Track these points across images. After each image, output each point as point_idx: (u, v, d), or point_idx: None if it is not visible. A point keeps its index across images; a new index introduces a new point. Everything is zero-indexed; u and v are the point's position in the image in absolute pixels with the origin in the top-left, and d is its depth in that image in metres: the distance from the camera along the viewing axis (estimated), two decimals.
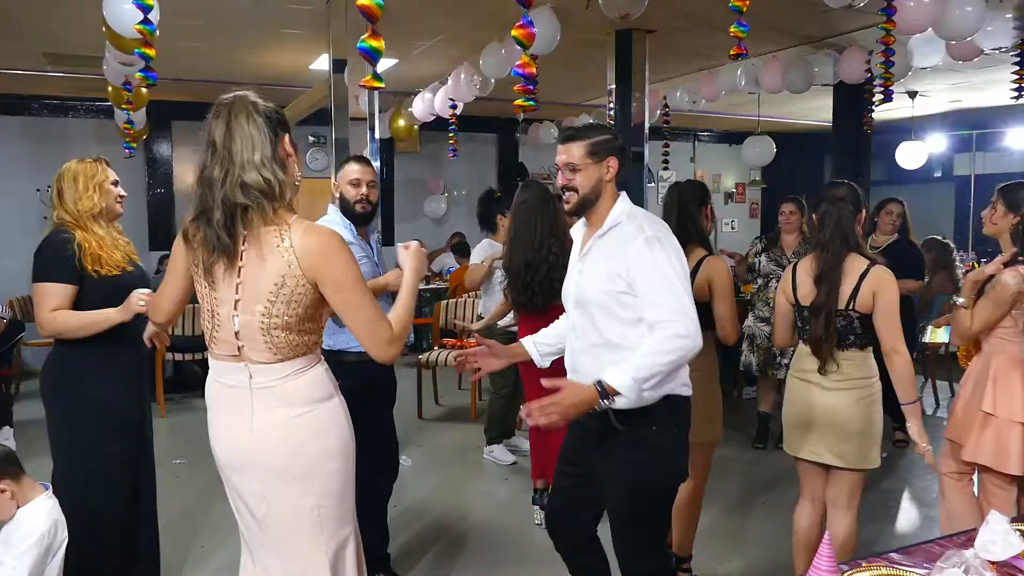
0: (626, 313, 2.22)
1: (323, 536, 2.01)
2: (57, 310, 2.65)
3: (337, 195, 3.27)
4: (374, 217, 3.36)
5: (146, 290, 2.70)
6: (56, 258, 2.67)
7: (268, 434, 1.96)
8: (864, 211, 2.91)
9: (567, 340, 2.46)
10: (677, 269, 2.18)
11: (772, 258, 5.20)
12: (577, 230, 2.47)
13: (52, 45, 6.36)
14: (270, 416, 1.96)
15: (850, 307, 2.75)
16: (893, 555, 1.77)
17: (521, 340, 2.64)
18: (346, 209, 3.23)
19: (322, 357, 2.07)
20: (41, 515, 2.31)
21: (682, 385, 2.30)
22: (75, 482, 2.70)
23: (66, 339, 2.73)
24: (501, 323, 4.73)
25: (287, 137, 1.99)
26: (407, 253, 2.20)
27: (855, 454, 2.79)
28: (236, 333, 1.94)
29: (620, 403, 2.10)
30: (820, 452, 2.83)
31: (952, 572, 1.48)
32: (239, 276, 1.91)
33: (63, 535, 2.36)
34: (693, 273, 3.02)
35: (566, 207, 2.36)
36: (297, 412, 1.96)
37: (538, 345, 2.60)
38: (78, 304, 2.70)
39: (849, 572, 1.62)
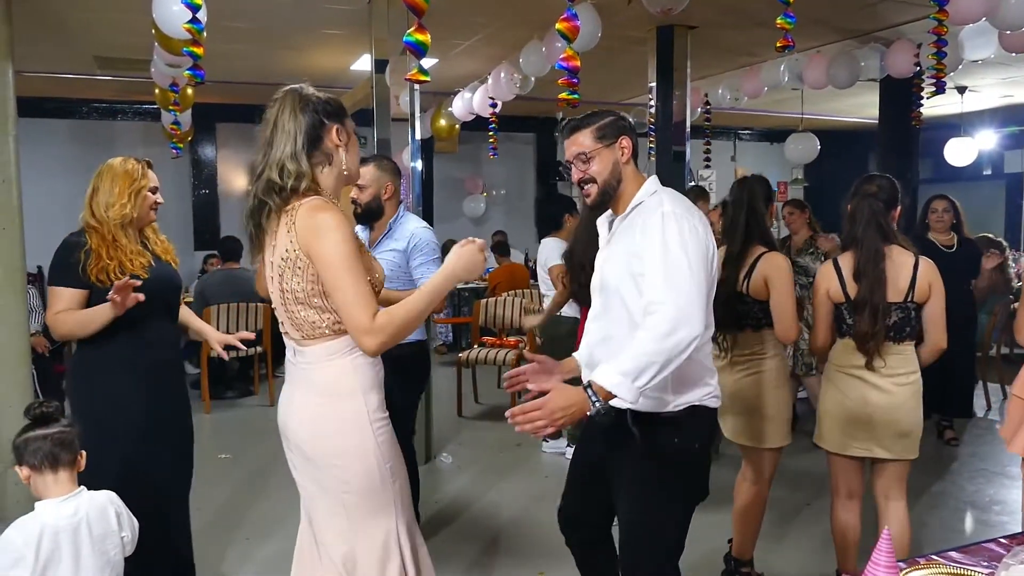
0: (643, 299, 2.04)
1: (345, 525, 2.01)
2: (62, 312, 2.62)
3: None
4: (372, 218, 3.40)
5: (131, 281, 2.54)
6: (64, 263, 2.65)
7: (297, 415, 2.05)
8: (901, 207, 2.87)
9: (586, 333, 2.33)
10: (688, 247, 1.97)
11: None
12: (602, 222, 2.33)
13: (102, 49, 6.51)
14: (301, 399, 2.04)
15: (909, 299, 2.74)
16: (952, 554, 1.72)
17: (575, 355, 2.44)
18: None
19: (356, 351, 2.00)
20: (24, 522, 2.08)
21: (711, 397, 2.16)
22: (95, 481, 2.68)
23: (84, 340, 2.69)
24: (566, 312, 4.73)
25: (336, 128, 2.00)
26: (456, 247, 2.07)
27: (909, 447, 2.81)
28: (275, 309, 2.07)
29: (620, 403, 1.91)
30: (870, 447, 2.81)
31: (1019, 569, 1.43)
32: (272, 256, 2.00)
33: (64, 547, 2.07)
34: (750, 271, 2.99)
35: (588, 200, 2.21)
36: (319, 402, 2.01)
37: (585, 332, 2.41)
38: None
39: (908, 570, 1.57)
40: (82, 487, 2.18)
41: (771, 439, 3.06)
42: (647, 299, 1.97)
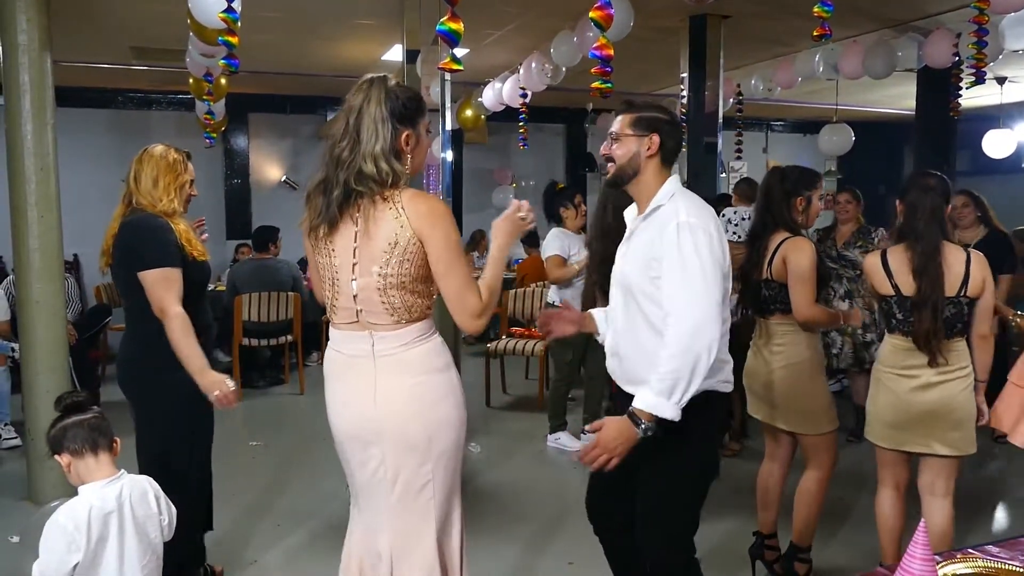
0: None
1: (433, 504, 2.12)
2: (182, 299, 2.65)
3: None
4: None
5: (231, 386, 2.60)
6: (167, 243, 2.67)
7: (391, 400, 2.08)
8: (951, 205, 2.88)
9: (611, 322, 2.43)
10: (704, 258, 2.08)
11: (822, 250, 5.05)
12: (629, 212, 2.43)
13: (138, 39, 6.59)
14: (393, 383, 2.08)
15: (961, 294, 2.73)
16: (990, 547, 1.69)
17: (592, 311, 2.59)
18: None
19: (436, 331, 2.18)
20: (73, 506, 2.10)
21: (723, 382, 2.27)
22: (159, 469, 2.65)
23: (138, 328, 2.73)
24: (550, 297, 5.01)
25: (406, 133, 2.06)
26: (497, 220, 2.22)
27: (964, 441, 2.78)
28: (354, 297, 2.07)
29: (667, 416, 2.04)
30: (929, 444, 2.79)
31: None
32: (356, 241, 2.05)
33: (112, 529, 2.11)
34: (772, 255, 3.04)
35: (606, 176, 2.34)
36: (417, 380, 2.09)
37: (610, 319, 2.53)
38: None
39: (944, 563, 1.55)
40: (123, 470, 2.21)
41: (819, 424, 3.05)
42: (666, 309, 2.10)
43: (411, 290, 2.05)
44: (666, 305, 2.10)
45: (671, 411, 2.03)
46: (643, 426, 2.05)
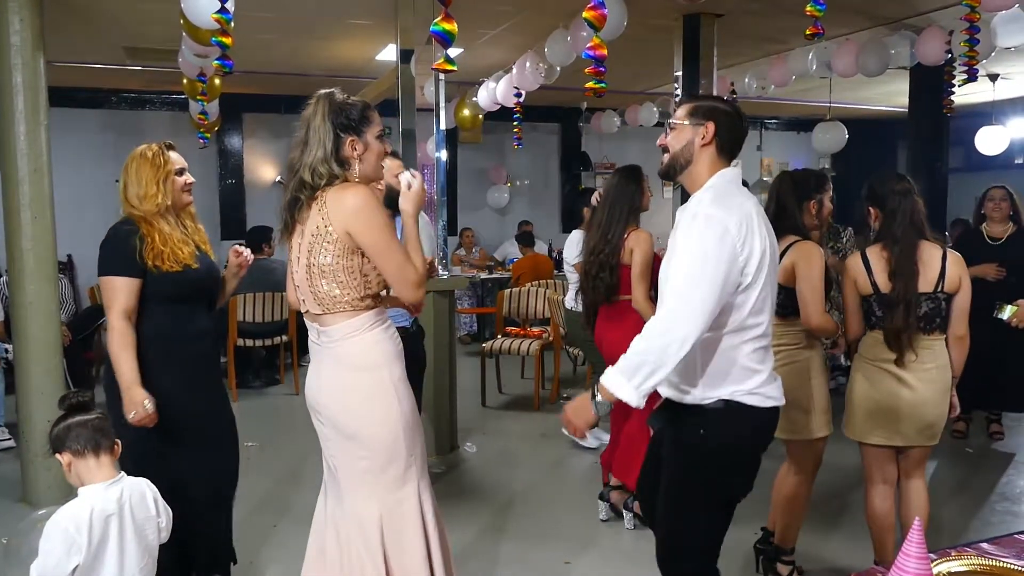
0: None
1: (373, 491, 2.26)
2: (128, 310, 2.58)
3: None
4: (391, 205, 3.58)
5: (150, 408, 2.54)
6: (120, 251, 2.59)
7: (326, 390, 2.28)
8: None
9: None
10: (709, 251, 1.95)
11: None
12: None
13: (131, 39, 6.57)
14: (330, 374, 2.27)
15: (939, 289, 2.82)
16: (984, 545, 1.70)
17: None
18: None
19: (384, 325, 2.28)
20: (74, 508, 2.08)
21: (749, 394, 2.08)
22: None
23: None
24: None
25: (350, 140, 2.20)
26: (405, 194, 2.32)
27: (931, 435, 2.91)
28: (297, 288, 2.28)
29: (625, 399, 1.93)
30: (892, 437, 2.90)
31: None
32: (300, 238, 2.25)
33: (112, 531, 2.10)
34: (781, 257, 2.99)
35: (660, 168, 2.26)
36: (346, 375, 2.25)
37: None
38: (141, 297, 2.61)
39: (938, 561, 1.56)
40: (122, 472, 2.21)
41: (809, 430, 3.05)
42: (661, 296, 2.05)
43: (333, 279, 2.18)
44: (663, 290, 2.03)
45: (630, 394, 1.92)
46: (597, 400, 1.98)
